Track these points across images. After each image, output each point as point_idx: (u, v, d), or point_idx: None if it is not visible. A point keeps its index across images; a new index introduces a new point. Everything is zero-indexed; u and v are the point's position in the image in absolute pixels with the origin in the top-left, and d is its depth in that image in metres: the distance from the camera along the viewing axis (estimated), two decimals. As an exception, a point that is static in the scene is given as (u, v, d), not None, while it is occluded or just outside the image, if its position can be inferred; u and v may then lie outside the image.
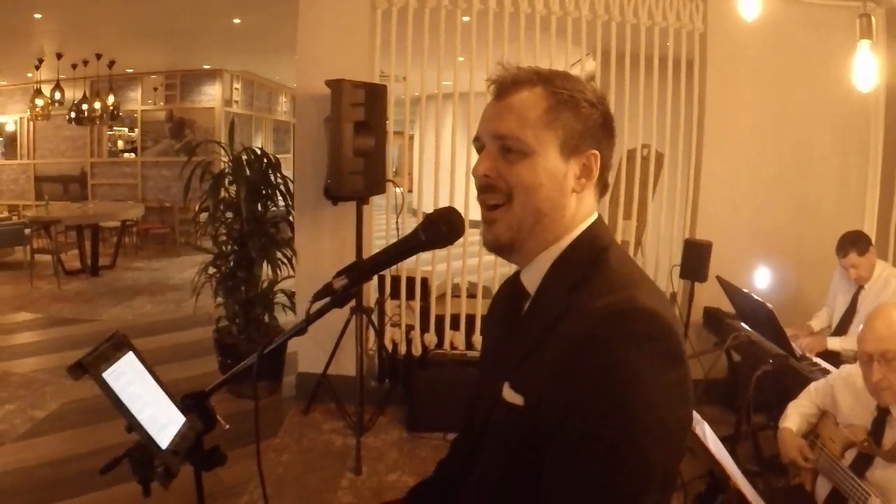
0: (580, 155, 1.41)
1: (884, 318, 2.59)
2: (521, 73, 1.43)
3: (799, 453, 2.91)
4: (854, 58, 3.57)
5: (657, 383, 1.20)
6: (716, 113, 5.59)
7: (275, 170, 5.50)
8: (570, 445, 1.23)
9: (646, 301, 1.25)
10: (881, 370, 2.54)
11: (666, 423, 1.21)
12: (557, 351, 1.28)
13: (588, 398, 1.21)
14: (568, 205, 1.42)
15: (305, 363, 5.37)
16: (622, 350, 1.20)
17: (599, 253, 1.41)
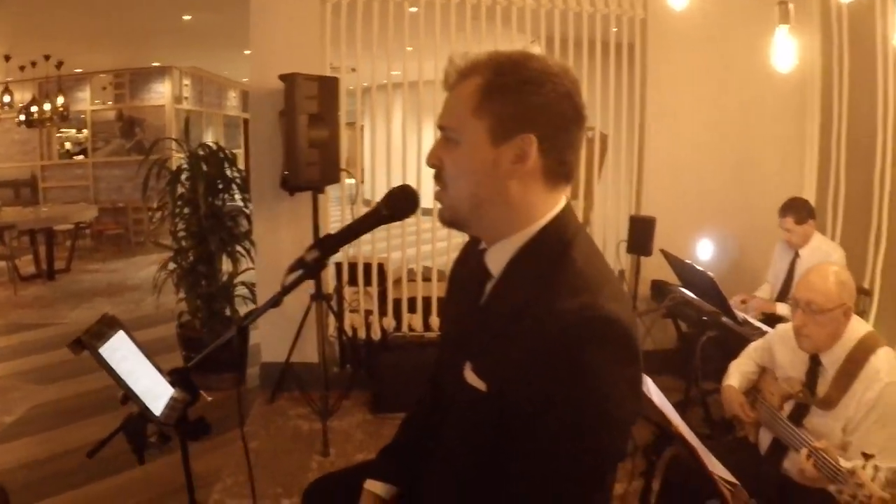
0: (512, 140, 1.43)
1: (819, 273, 2.78)
2: (467, 64, 1.49)
3: (741, 408, 3.08)
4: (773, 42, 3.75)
5: (616, 381, 1.34)
6: (657, 95, 5.79)
7: (230, 164, 5.58)
8: (543, 435, 1.37)
9: (609, 307, 1.34)
10: (802, 318, 2.75)
11: (621, 415, 1.37)
12: (527, 347, 1.39)
13: (560, 395, 1.34)
14: (508, 190, 1.46)
15: (269, 353, 5.46)
16: (590, 354, 1.32)
17: (565, 247, 1.46)
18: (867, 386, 2.59)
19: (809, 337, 2.76)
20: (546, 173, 1.46)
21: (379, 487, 1.96)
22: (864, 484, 2.14)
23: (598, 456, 1.37)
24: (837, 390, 2.69)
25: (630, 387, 1.38)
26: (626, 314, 1.38)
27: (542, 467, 1.38)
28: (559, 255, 1.45)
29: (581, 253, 1.46)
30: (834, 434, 2.69)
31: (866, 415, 2.57)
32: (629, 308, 1.46)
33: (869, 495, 2.13)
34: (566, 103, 1.43)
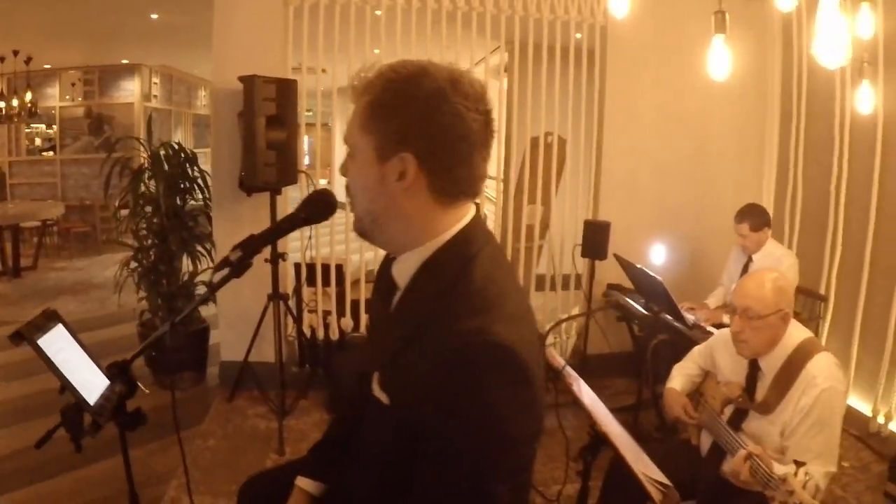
0: (393, 158, 1.44)
1: (756, 279, 2.83)
2: (365, 80, 1.49)
3: (682, 411, 3.13)
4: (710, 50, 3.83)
5: (509, 405, 1.36)
6: (615, 101, 5.87)
7: (192, 164, 5.59)
8: (437, 453, 1.41)
9: (502, 331, 1.36)
10: (740, 323, 2.79)
11: (517, 436, 1.40)
12: (423, 366, 1.43)
13: (452, 416, 1.37)
14: (400, 206, 1.48)
15: (228, 352, 5.48)
16: (480, 378, 1.34)
17: (466, 263, 1.48)
18: (804, 391, 2.64)
19: (747, 342, 2.81)
20: (434, 190, 1.47)
21: (309, 485, 2.01)
22: (795, 491, 2.18)
23: (492, 476, 1.39)
24: (775, 395, 2.74)
25: (524, 408, 1.39)
26: (521, 336, 1.40)
27: (437, 485, 1.42)
28: (459, 271, 1.47)
29: (482, 270, 1.47)
30: (772, 438, 2.75)
31: (802, 420, 2.62)
32: (528, 327, 1.49)
33: (799, 502, 2.17)
34: (453, 121, 1.42)
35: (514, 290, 1.55)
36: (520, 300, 1.54)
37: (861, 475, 4.58)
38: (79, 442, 1.93)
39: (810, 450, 2.59)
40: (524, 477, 1.53)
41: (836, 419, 2.65)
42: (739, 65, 5.57)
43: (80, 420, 1.90)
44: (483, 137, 1.47)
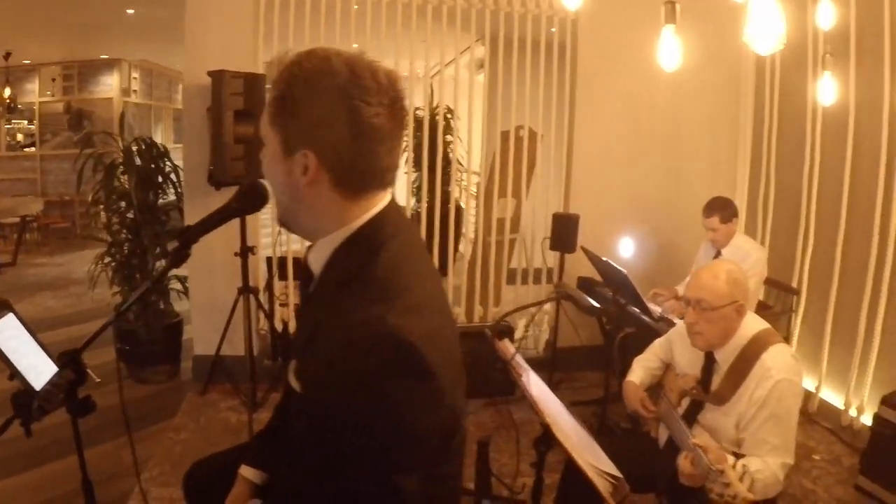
0: (296, 153, 1.46)
1: (710, 271, 2.83)
2: (277, 73, 1.49)
3: (640, 404, 3.14)
4: (660, 41, 3.83)
5: (407, 397, 1.37)
6: (587, 94, 5.90)
7: (164, 159, 5.58)
8: (342, 444, 1.43)
9: (398, 323, 1.36)
10: (694, 315, 2.79)
11: (416, 428, 1.41)
12: (325, 355, 1.45)
13: (349, 405, 1.38)
14: (307, 198, 1.51)
15: (201, 346, 5.47)
16: (374, 368, 1.35)
17: (373, 253, 1.49)
18: (758, 383, 2.64)
19: (701, 334, 2.81)
20: (337, 184, 1.49)
21: (251, 473, 2.02)
22: (731, 483, 2.17)
23: (397, 468, 1.41)
24: (729, 387, 2.75)
25: (423, 400, 1.40)
26: (422, 328, 1.39)
27: (344, 475, 1.44)
28: (364, 261, 1.48)
29: (387, 259, 1.48)
30: (727, 430, 2.75)
31: (757, 412, 2.62)
32: (433, 318, 1.49)
33: (734, 495, 2.16)
34: (352, 118, 1.43)
35: (423, 280, 1.55)
36: (429, 292, 1.55)
37: (832, 468, 4.60)
38: (28, 427, 1.97)
39: (766, 442, 2.59)
40: (442, 470, 1.55)
41: (791, 411, 2.65)
42: (713, 58, 5.63)
43: (30, 406, 1.94)
44: (389, 129, 1.48)
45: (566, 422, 2.47)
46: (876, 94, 4.78)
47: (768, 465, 2.53)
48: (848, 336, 5.07)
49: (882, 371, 4.83)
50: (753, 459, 2.54)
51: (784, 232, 5.81)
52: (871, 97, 4.87)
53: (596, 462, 2.30)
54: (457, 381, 1.55)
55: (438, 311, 1.56)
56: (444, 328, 1.54)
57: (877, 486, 4.22)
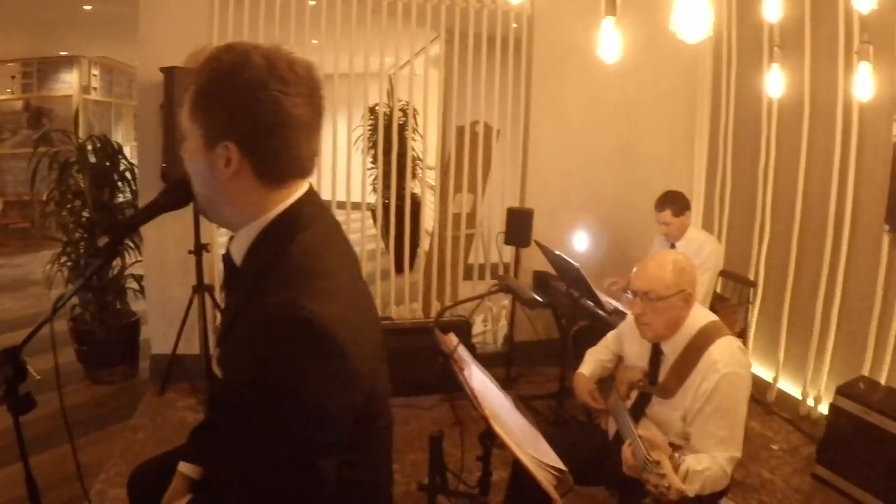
0: (218, 146, 1.48)
1: (658, 261, 2.82)
2: (194, 67, 1.51)
3: (589, 396, 3.14)
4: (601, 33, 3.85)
5: (316, 378, 1.39)
6: (543, 89, 5.92)
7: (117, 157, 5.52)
8: (257, 426, 1.43)
9: (309, 305, 1.38)
10: (641, 306, 2.79)
11: (329, 407, 1.43)
12: (239, 340, 1.48)
13: (261, 388, 1.39)
14: (229, 190, 1.53)
15: (158, 345, 5.42)
16: (282, 351, 1.37)
17: (287, 241, 1.52)
18: (704, 376, 2.63)
19: (649, 325, 2.80)
20: (260, 175, 1.52)
21: (188, 469, 2.03)
22: (666, 475, 2.18)
23: (306, 446, 1.44)
24: (675, 379, 2.74)
25: (333, 382, 1.42)
26: (335, 311, 1.42)
27: (260, 457, 1.44)
28: (280, 248, 1.51)
29: (303, 246, 1.51)
30: (674, 423, 2.75)
31: (704, 405, 2.61)
32: (347, 303, 1.51)
33: (668, 486, 2.16)
34: (272, 109, 1.46)
35: (340, 267, 1.59)
36: (345, 278, 1.58)
37: (790, 458, 4.65)
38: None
39: (713, 435, 2.58)
40: (366, 457, 1.61)
41: (738, 404, 2.64)
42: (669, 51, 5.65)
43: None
44: (308, 118, 1.52)
45: (509, 415, 2.46)
46: (830, 87, 4.82)
47: (715, 460, 2.52)
48: (804, 327, 5.12)
49: (838, 361, 4.89)
50: (702, 457, 2.52)
51: (741, 224, 5.86)
52: (825, 90, 4.92)
53: (539, 455, 2.30)
54: (375, 366, 1.61)
55: (354, 297, 1.60)
56: (361, 314, 1.58)
57: (833, 474, 4.28)
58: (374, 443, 1.67)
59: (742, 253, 5.77)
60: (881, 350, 4.55)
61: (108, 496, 3.90)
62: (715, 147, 6.18)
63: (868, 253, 4.66)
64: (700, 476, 2.45)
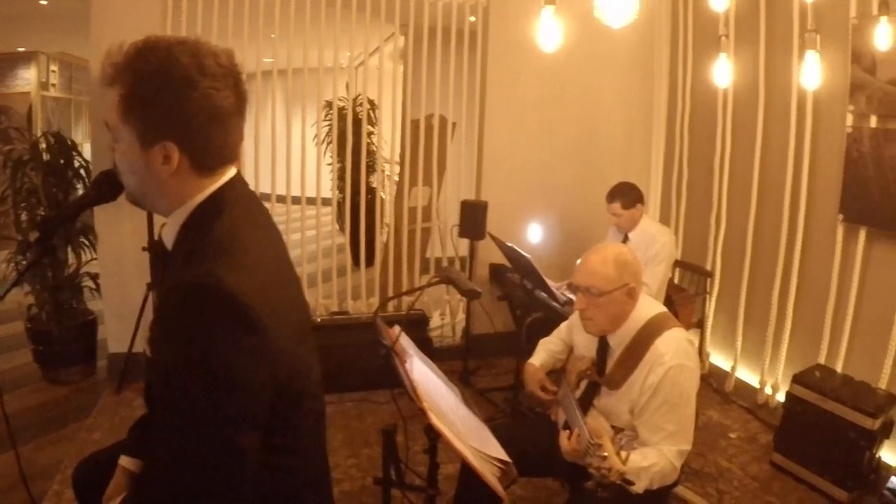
0: (155, 146, 1.51)
1: (600, 255, 2.78)
2: (115, 66, 1.51)
3: (538, 386, 3.13)
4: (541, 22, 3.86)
5: (232, 349, 1.40)
6: (498, 81, 5.92)
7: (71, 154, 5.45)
8: (175, 399, 1.43)
9: (223, 275, 1.41)
10: (584, 300, 2.77)
11: (246, 379, 1.44)
12: (161, 314, 1.50)
13: (178, 360, 1.41)
14: (166, 185, 1.57)
15: (115, 344, 5.37)
16: (198, 322, 1.39)
17: (210, 221, 1.55)
18: (651, 369, 2.62)
19: (592, 320, 2.79)
20: (197, 167, 1.57)
21: (128, 462, 2.02)
22: (608, 456, 2.17)
23: (225, 421, 1.43)
24: (622, 372, 2.73)
25: (249, 354, 1.43)
26: (252, 284, 1.44)
27: (180, 432, 1.44)
28: (204, 228, 1.54)
29: (225, 225, 1.55)
30: (621, 415, 2.75)
31: (650, 398, 2.60)
32: (267, 278, 1.54)
33: (609, 467, 2.16)
34: (204, 105, 1.50)
35: (262, 246, 1.62)
36: (267, 257, 1.62)
37: (748, 446, 4.70)
38: None
39: (662, 429, 2.58)
40: (292, 443, 1.65)
41: (686, 397, 2.62)
42: (626, 43, 5.66)
43: None
44: (236, 108, 1.58)
45: (452, 408, 2.45)
46: (784, 77, 4.86)
47: (663, 454, 2.51)
48: (761, 316, 5.17)
49: (795, 350, 4.94)
50: (649, 452, 2.51)
51: (697, 215, 5.90)
52: (779, 80, 4.95)
53: (482, 447, 2.29)
54: (297, 345, 1.64)
55: (276, 275, 1.63)
56: (283, 292, 1.62)
57: (791, 461, 4.33)
58: (300, 427, 1.70)
59: (699, 243, 5.81)
60: (837, 338, 4.61)
61: (64, 497, 3.87)
62: (672, 138, 6.21)
63: (823, 242, 4.71)
64: (647, 472, 2.44)
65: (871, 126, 4.27)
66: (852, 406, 4.00)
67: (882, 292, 4.33)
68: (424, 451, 2.46)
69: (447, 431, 2.14)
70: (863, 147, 4.32)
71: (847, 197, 4.47)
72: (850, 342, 4.55)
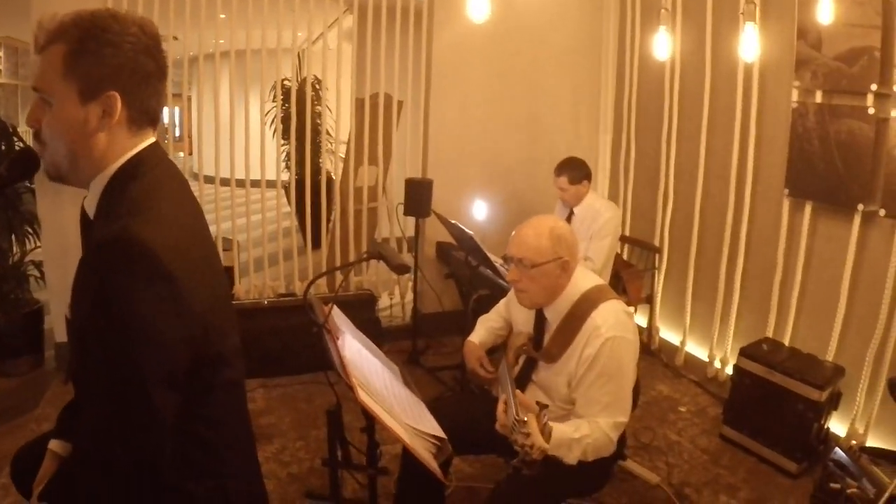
0: (98, 98, 1.58)
1: (535, 228, 2.74)
2: (54, 28, 1.57)
3: (477, 363, 3.11)
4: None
5: (145, 299, 1.44)
6: (444, 57, 5.87)
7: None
8: (93, 351, 1.48)
9: (136, 229, 1.46)
10: (516, 273, 2.74)
11: (159, 330, 1.48)
12: (79, 272, 1.52)
13: (95, 311, 1.45)
14: (98, 143, 1.61)
15: (62, 334, 5.27)
16: (112, 274, 1.43)
17: (129, 182, 1.62)
18: (587, 342, 2.61)
19: (525, 292, 2.77)
20: (130, 122, 1.64)
21: (58, 446, 2.03)
22: (531, 433, 2.15)
23: (137, 368, 1.45)
24: (559, 345, 2.73)
25: (163, 303, 1.47)
26: (167, 238, 1.50)
27: (98, 386, 1.48)
28: (123, 188, 1.61)
29: (143, 184, 1.61)
30: (559, 389, 2.75)
31: (587, 371, 2.60)
32: (178, 234, 1.58)
33: (531, 445, 2.14)
34: (145, 59, 1.61)
35: (176, 206, 1.67)
36: (181, 216, 1.67)
37: (698, 419, 4.73)
38: None
39: (598, 401, 2.57)
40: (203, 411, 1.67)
41: (624, 369, 2.62)
42: (574, 17, 5.65)
43: None
44: (163, 72, 1.68)
45: (387, 385, 2.43)
46: (731, 51, 4.85)
47: (598, 426, 2.51)
48: (709, 291, 5.21)
49: (743, 323, 4.99)
50: (581, 424, 2.51)
51: (645, 191, 5.93)
52: (726, 54, 4.96)
53: (417, 424, 2.27)
54: (214, 309, 1.67)
55: (192, 237, 1.67)
56: (197, 253, 1.67)
57: (740, 434, 4.38)
58: (217, 396, 1.72)
59: (647, 219, 5.84)
60: (784, 312, 4.66)
61: (11, 490, 3.80)
62: (620, 113, 6.22)
63: (769, 217, 4.76)
64: (579, 444, 2.45)
65: (816, 101, 4.29)
66: (800, 378, 4.05)
67: (828, 266, 4.37)
68: (362, 430, 2.44)
69: (377, 408, 2.13)
70: (808, 122, 4.34)
71: (792, 172, 4.50)
72: (797, 315, 4.60)
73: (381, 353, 2.89)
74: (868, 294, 4.12)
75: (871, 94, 3.93)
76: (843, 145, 4.13)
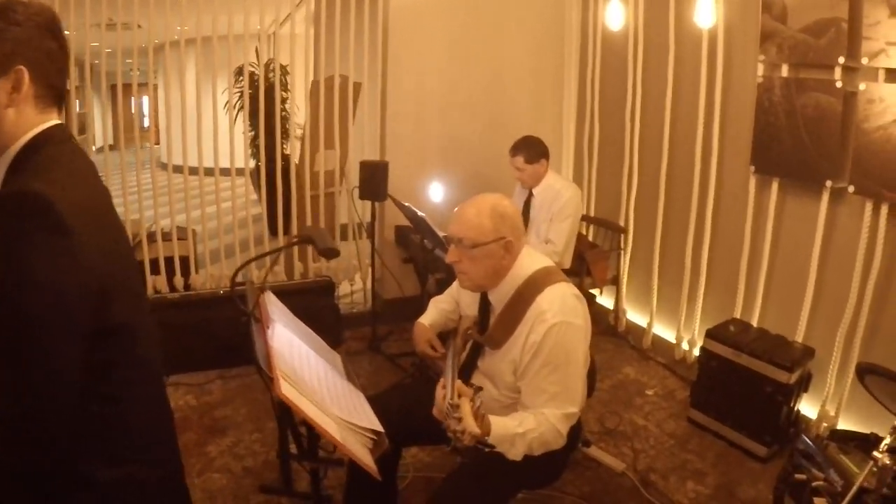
0: (7, 74, 1.56)
1: (476, 207, 2.62)
2: None
3: (427, 345, 3.01)
4: None
5: (41, 251, 1.42)
6: (400, 40, 5.71)
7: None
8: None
9: (36, 185, 1.45)
10: (457, 253, 2.61)
11: (56, 283, 1.44)
12: None
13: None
14: (5, 120, 1.58)
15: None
16: (8, 223, 1.41)
17: (33, 154, 1.59)
18: (532, 327, 2.48)
19: (466, 273, 2.63)
20: (37, 99, 1.62)
21: None
22: (463, 418, 2.03)
23: (30, 322, 1.43)
24: (503, 331, 2.60)
25: (59, 255, 1.45)
26: (65, 195, 1.47)
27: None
28: (28, 159, 1.58)
29: (48, 155, 1.60)
30: (504, 376, 2.62)
31: (532, 359, 2.47)
32: (79, 195, 1.56)
33: (463, 430, 2.02)
34: (48, 35, 1.61)
35: (79, 175, 1.66)
36: (84, 184, 1.65)
37: (665, 402, 4.67)
38: None
39: (544, 391, 2.44)
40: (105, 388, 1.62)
41: (571, 357, 2.48)
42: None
43: None
44: (66, 54, 1.67)
45: (319, 376, 2.29)
46: (694, 25, 4.72)
47: (545, 419, 2.38)
48: (676, 271, 5.13)
49: (710, 304, 4.93)
50: (526, 418, 2.38)
51: (610, 170, 5.84)
52: (689, 31, 4.83)
53: (351, 418, 2.14)
54: (117, 276, 1.64)
55: (94, 204, 1.64)
56: (102, 220, 1.65)
57: (708, 417, 4.30)
58: (122, 373, 1.67)
59: (612, 199, 5.75)
60: (751, 292, 4.58)
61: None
62: (584, 92, 6.10)
63: (735, 195, 4.67)
64: (523, 439, 2.33)
65: (782, 75, 4.18)
66: (768, 360, 3.97)
67: (796, 244, 4.28)
68: (301, 423, 2.30)
69: (302, 402, 1.98)
70: (774, 97, 4.23)
71: (758, 148, 4.39)
72: (765, 295, 4.52)
73: (322, 342, 2.74)
74: (837, 273, 4.03)
75: (838, 67, 3.82)
76: (811, 120, 4.02)
